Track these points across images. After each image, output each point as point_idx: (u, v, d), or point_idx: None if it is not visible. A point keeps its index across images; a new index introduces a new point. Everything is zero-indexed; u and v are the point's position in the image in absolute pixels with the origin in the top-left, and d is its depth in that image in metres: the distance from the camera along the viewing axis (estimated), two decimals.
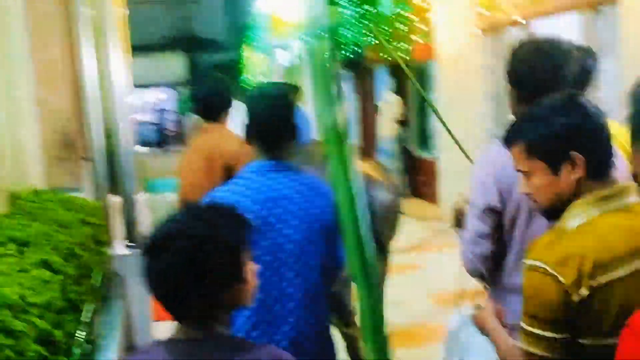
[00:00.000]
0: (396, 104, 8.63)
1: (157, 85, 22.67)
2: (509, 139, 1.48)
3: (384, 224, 2.98)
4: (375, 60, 8.43)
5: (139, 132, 19.04)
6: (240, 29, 18.60)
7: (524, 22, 5.24)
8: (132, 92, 7.55)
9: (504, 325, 1.52)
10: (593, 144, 1.36)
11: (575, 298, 1.27)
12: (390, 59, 7.75)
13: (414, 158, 8.79)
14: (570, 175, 1.37)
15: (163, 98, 23.61)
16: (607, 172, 1.38)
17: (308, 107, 2.11)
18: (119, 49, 4.19)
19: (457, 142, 2.56)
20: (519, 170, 1.47)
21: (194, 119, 12.48)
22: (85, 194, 3.77)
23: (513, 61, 1.88)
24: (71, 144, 3.63)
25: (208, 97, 3.18)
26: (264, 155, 1.96)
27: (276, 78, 13.61)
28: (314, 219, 1.92)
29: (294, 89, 2.08)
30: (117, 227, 4.06)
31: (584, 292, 1.27)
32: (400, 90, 8.64)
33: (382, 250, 3.01)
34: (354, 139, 10.86)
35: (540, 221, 1.73)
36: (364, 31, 8.42)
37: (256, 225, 1.81)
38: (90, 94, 3.65)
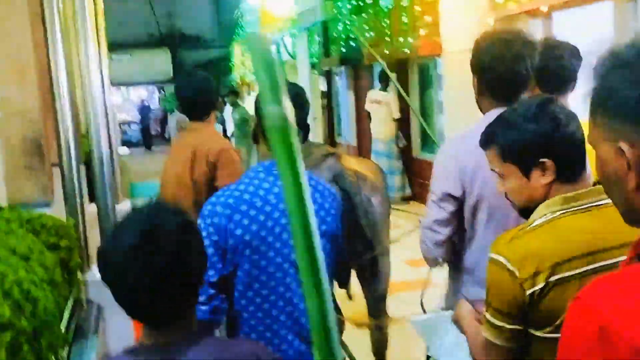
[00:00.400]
0: (393, 102, 8.16)
1: (141, 83, 22.14)
2: (485, 142, 1.52)
3: (375, 222, 2.96)
4: (372, 55, 7.95)
5: (122, 132, 18.50)
6: (228, 25, 18.10)
7: (544, 11, 4.79)
8: (111, 90, 7.06)
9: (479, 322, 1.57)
10: (563, 150, 1.41)
11: (529, 292, 1.32)
12: (391, 54, 7.29)
13: (414, 159, 8.35)
14: (540, 180, 1.42)
15: (147, 96, 23.05)
16: (576, 175, 1.43)
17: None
18: (96, 44, 3.74)
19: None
20: (493, 171, 1.53)
21: (178, 117, 12.09)
22: (56, 209, 3.27)
23: (476, 51, 1.93)
24: (40, 151, 3.13)
25: (193, 96, 3.13)
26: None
27: None
28: (321, 221, 1.91)
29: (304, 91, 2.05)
30: (95, 245, 3.56)
31: (539, 286, 1.32)
32: (401, 87, 8.17)
33: (372, 245, 2.99)
34: (349, 139, 10.41)
35: (504, 213, 1.79)
36: (363, 25, 7.96)
37: (269, 225, 1.81)
38: (63, 92, 3.15)
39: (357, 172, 2.91)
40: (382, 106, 8.19)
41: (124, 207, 4.87)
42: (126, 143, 17.52)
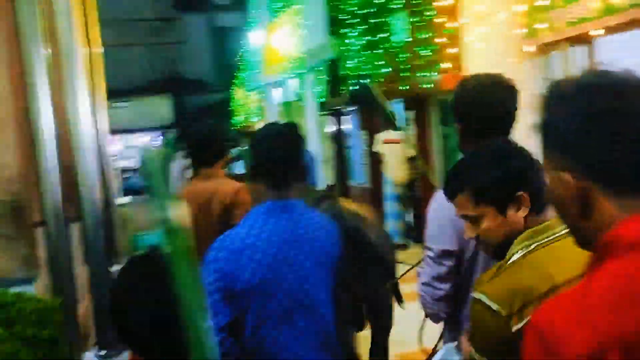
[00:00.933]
0: (407, 141, 7.64)
1: (143, 129, 21.86)
2: (453, 191, 1.54)
3: (374, 261, 2.97)
4: (389, 92, 7.51)
5: (123, 179, 18.04)
6: (229, 69, 17.87)
7: (592, 35, 4.34)
8: (111, 138, 6.65)
9: None
10: (535, 181, 1.46)
11: (514, 328, 1.31)
12: (411, 89, 6.86)
13: None
14: (517, 214, 1.46)
15: (149, 142, 22.74)
16: (545, 205, 1.47)
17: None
18: (89, 92, 3.41)
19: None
20: (463, 217, 1.53)
21: (183, 163, 11.64)
22: (42, 283, 2.73)
23: (457, 98, 1.96)
24: (20, 216, 2.61)
25: (205, 142, 3.20)
26: (273, 195, 1.93)
27: (271, 117, 12.75)
28: (324, 257, 1.95)
29: (299, 129, 2.07)
30: (89, 323, 3.02)
31: (524, 321, 1.30)
32: (420, 124, 7.68)
33: (380, 277, 3.01)
34: (362, 181, 9.89)
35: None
36: (376, 61, 7.53)
37: (274, 267, 1.84)
38: (46, 144, 2.68)
39: (354, 211, 2.96)
40: (398, 146, 7.67)
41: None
42: (128, 191, 17.06)
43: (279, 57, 11.31)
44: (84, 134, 2.86)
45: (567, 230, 1.40)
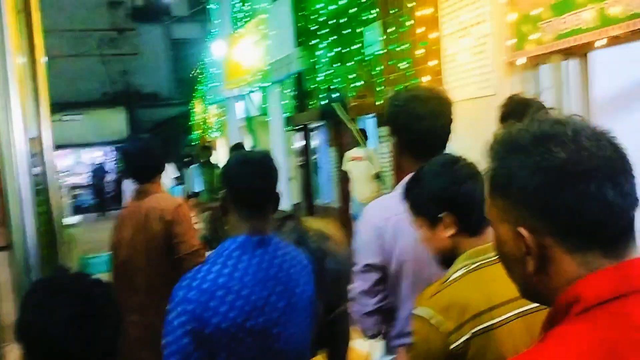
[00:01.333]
0: (374, 157, 7.36)
1: (96, 143, 21.08)
2: (402, 198, 1.64)
3: (339, 279, 2.86)
4: (361, 107, 7.16)
5: (73, 197, 17.20)
6: (187, 83, 17.35)
7: (581, 50, 4.06)
8: (61, 152, 6.10)
9: None
10: (465, 204, 1.50)
11: (453, 345, 1.36)
12: (381, 104, 6.50)
13: None
14: (444, 232, 1.52)
15: (103, 157, 21.90)
16: (481, 228, 1.49)
17: None
18: (27, 104, 3.02)
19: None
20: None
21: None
22: None
23: (392, 112, 1.96)
24: None
25: (141, 159, 3.21)
26: (248, 228, 1.86)
27: (233, 132, 12.26)
28: (297, 298, 1.91)
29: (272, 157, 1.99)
30: None
31: (464, 337, 1.36)
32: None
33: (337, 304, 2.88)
34: (330, 200, 9.49)
35: (426, 278, 1.75)
36: (347, 75, 7.17)
37: (246, 310, 1.77)
38: None
39: (320, 230, 2.87)
40: (363, 163, 7.42)
41: None
42: (78, 210, 16.21)
43: (241, 70, 10.86)
44: (15, 152, 2.41)
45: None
